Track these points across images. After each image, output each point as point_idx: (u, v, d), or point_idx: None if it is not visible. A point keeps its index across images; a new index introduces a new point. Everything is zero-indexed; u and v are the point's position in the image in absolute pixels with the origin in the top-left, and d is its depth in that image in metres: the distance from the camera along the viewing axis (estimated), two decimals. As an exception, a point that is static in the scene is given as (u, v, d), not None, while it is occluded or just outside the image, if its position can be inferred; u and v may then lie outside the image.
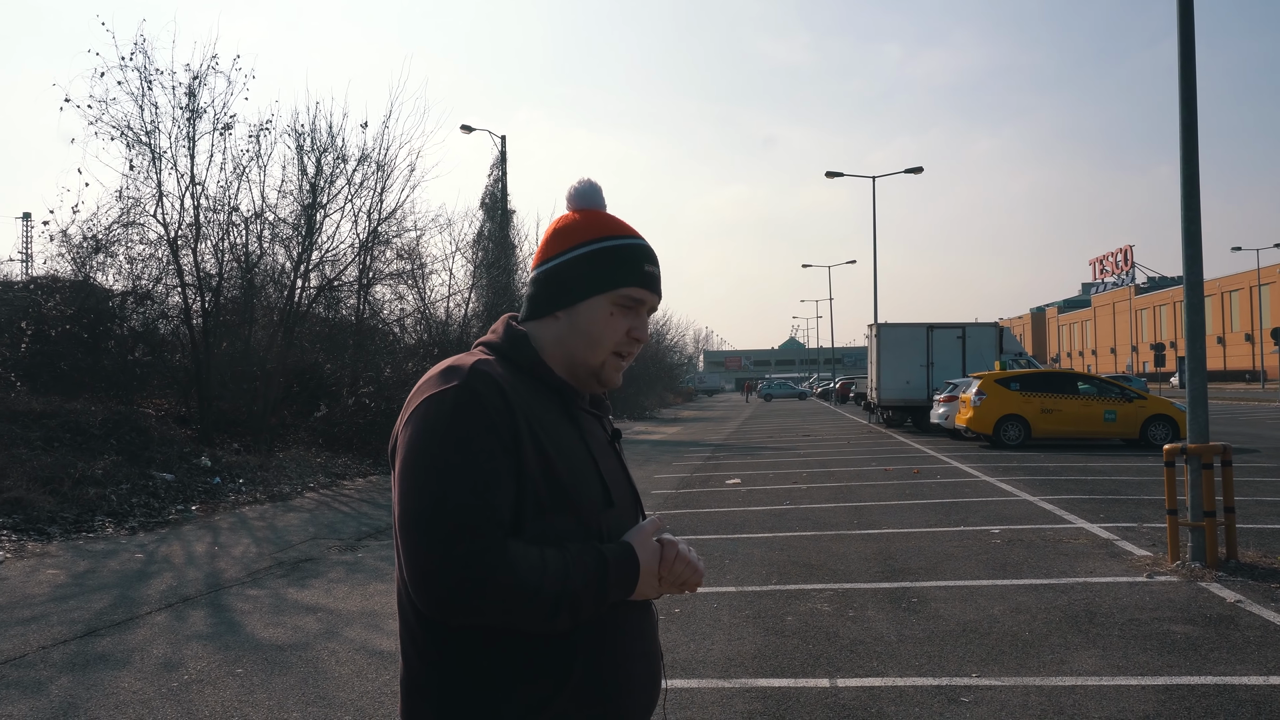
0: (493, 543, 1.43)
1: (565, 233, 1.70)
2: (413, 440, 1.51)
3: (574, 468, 1.58)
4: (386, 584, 7.78)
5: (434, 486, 1.45)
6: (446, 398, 1.51)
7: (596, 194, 1.75)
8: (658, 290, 1.71)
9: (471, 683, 1.52)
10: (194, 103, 16.26)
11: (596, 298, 1.65)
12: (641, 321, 1.70)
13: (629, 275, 1.66)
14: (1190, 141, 7.83)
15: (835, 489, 13.50)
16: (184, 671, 5.48)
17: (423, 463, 1.48)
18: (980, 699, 4.77)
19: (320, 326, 19.99)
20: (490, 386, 1.52)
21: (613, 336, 1.66)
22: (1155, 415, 19.49)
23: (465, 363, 1.57)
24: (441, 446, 1.48)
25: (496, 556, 1.42)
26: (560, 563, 1.48)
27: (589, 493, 1.59)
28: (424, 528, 1.44)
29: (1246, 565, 7.53)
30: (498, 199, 30.34)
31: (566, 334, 1.66)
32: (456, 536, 1.42)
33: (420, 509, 1.45)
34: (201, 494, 12.46)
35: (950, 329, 26.89)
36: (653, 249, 1.73)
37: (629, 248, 1.69)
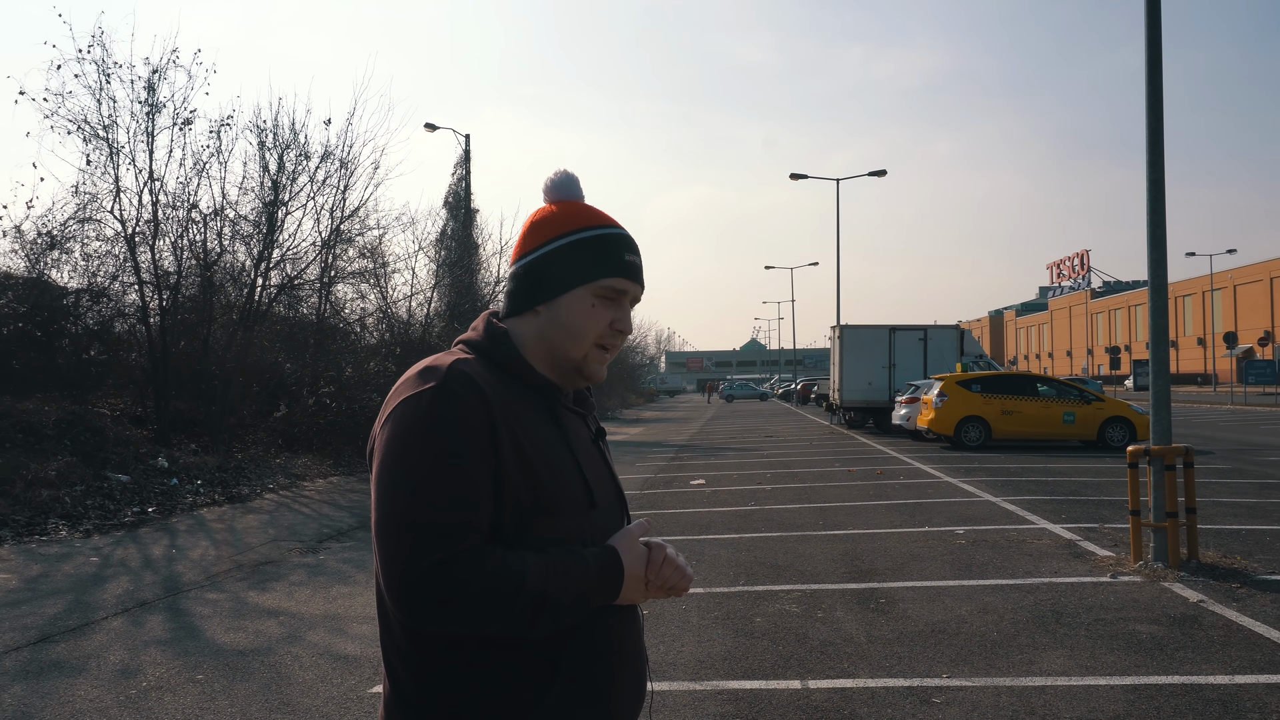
0: (469, 548, 1.39)
1: (543, 225, 1.66)
2: (389, 443, 1.47)
3: (555, 469, 1.54)
4: (349, 587, 7.66)
5: (409, 491, 1.41)
6: (423, 399, 1.47)
7: (574, 185, 1.71)
8: (640, 280, 1.67)
9: (456, 688, 1.48)
10: (153, 97, 15.97)
11: (577, 290, 1.61)
12: (624, 312, 1.66)
13: (609, 266, 1.62)
14: (1156, 147, 7.92)
15: (799, 490, 13.52)
16: (142, 678, 5.35)
17: (398, 467, 1.44)
18: (952, 700, 4.77)
19: (281, 326, 19.72)
20: (468, 387, 1.48)
21: (595, 329, 1.62)
22: (1113, 417, 19.76)
23: (443, 363, 1.52)
24: (417, 450, 1.43)
25: (473, 563, 1.38)
26: (540, 568, 1.43)
27: (571, 494, 1.55)
28: (398, 534, 1.39)
29: (1207, 565, 7.62)
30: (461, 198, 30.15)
31: (547, 328, 1.62)
32: (431, 543, 1.38)
33: (395, 515, 1.41)
34: (158, 495, 12.22)
35: (912, 331, 27.11)
36: (632, 238, 1.69)
37: (608, 237, 1.64)
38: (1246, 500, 11.55)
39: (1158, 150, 7.97)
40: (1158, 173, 7.97)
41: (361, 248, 21.49)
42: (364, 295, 23.39)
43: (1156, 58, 8.00)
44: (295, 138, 18.28)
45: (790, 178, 37.55)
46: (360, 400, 19.22)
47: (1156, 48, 8.00)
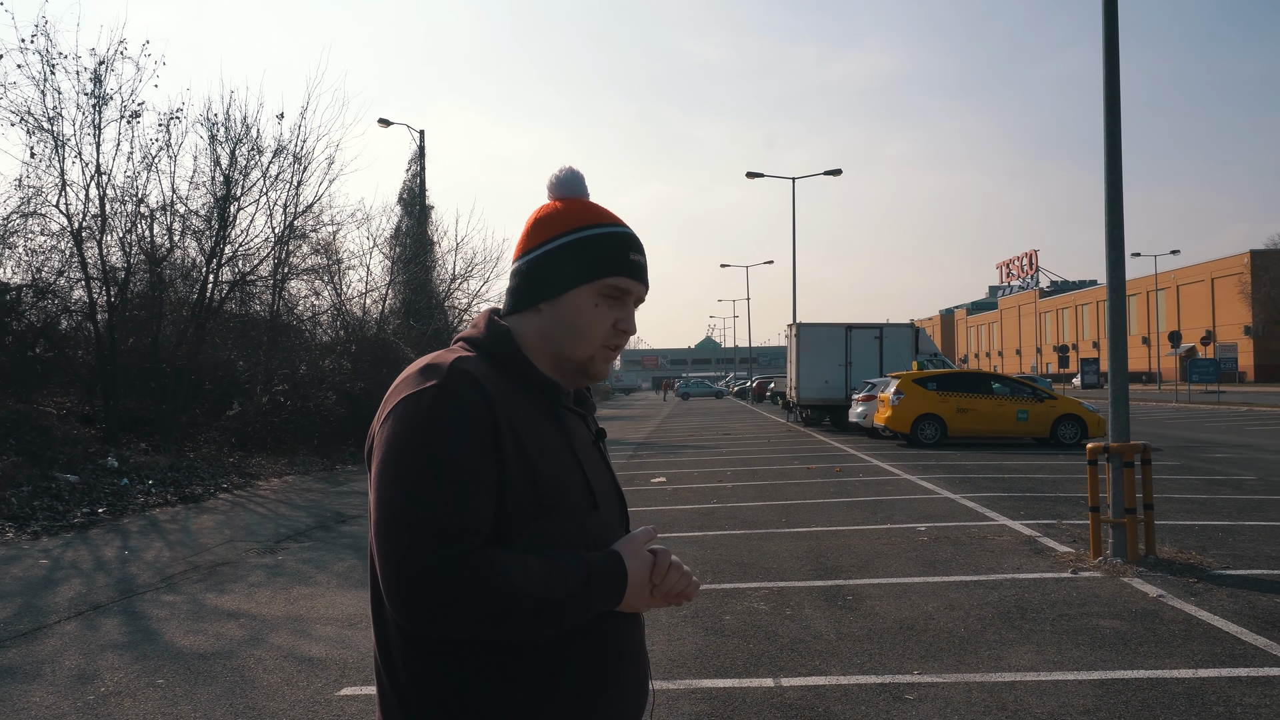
0: (471, 550, 1.36)
1: (546, 222, 1.62)
2: (389, 442, 1.43)
3: (557, 469, 1.51)
4: (311, 588, 7.53)
5: (410, 492, 1.38)
6: (424, 397, 1.44)
7: (578, 182, 1.67)
8: (644, 279, 1.64)
9: (457, 693, 1.44)
10: (100, 89, 15.62)
11: (580, 289, 1.58)
12: (628, 312, 1.63)
13: (613, 264, 1.59)
14: (1114, 150, 8.03)
15: (761, 487, 13.56)
16: (100, 683, 5.20)
17: (398, 467, 1.40)
18: (924, 696, 4.79)
19: (233, 323, 19.39)
20: (470, 385, 1.45)
21: (599, 328, 1.59)
22: (1065, 415, 20.07)
23: (445, 360, 1.49)
24: (418, 450, 1.40)
25: (474, 565, 1.35)
26: (542, 571, 1.40)
27: (573, 496, 1.52)
28: (399, 535, 1.36)
29: (1165, 560, 7.74)
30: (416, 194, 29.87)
31: (550, 327, 1.59)
32: (432, 544, 1.35)
33: (395, 516, 1.37)
34: (108, 496, 11.94)
35: (868, 329, 27.32)
36: (637, 237, 1.65)
37: (613, 236, 1.61)
38: (1197, 496, 11.77)
39: (1116, 153, 8.08)
40: (1116, 174, 8.08)
41: (315, 244, 21.24)
42: (318, 292, 23.11)
43: (1114, 63, 8.11)
44: (247, 132, 17.98)
45: (746, 176, 37.63)
46: (315, 398, 18.98)
47: (1114, 54, 8.10)
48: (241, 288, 18.95)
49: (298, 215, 19.18)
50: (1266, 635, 5.69)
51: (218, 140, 17.68)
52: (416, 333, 23.50)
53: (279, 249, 19.22)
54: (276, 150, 18.38)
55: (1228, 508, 10.81)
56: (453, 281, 28.65)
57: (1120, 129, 8.06)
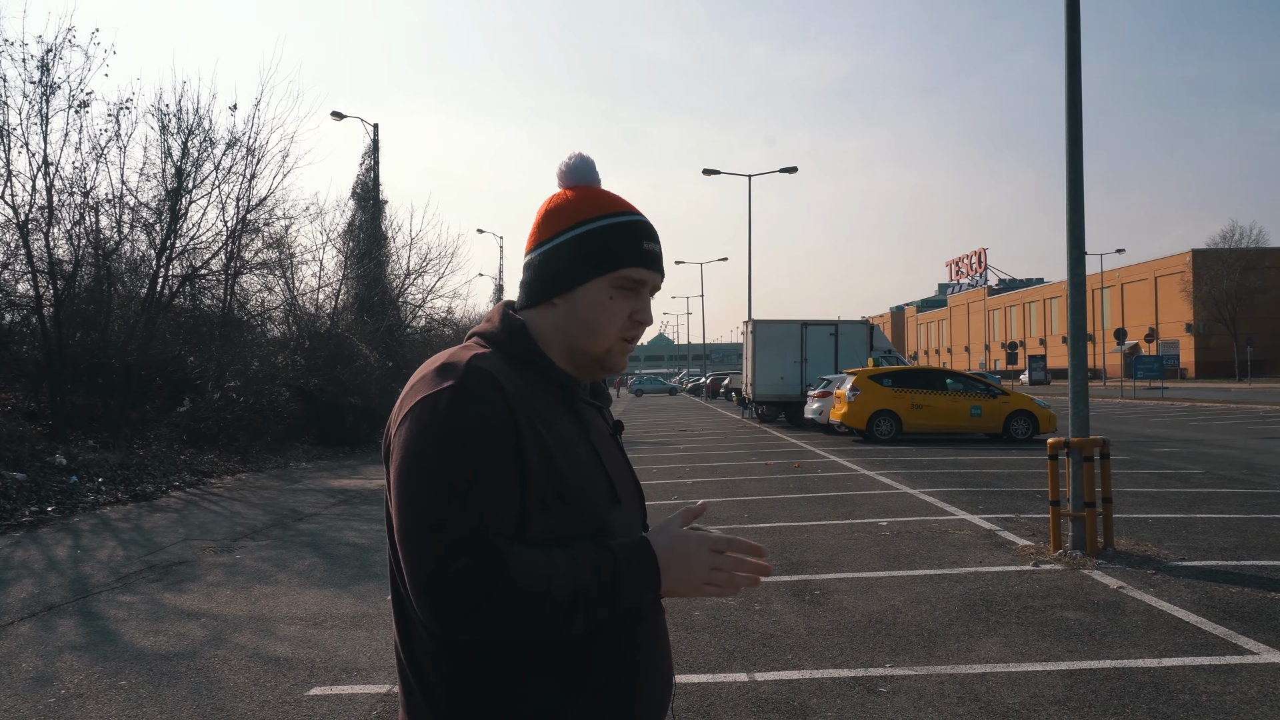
0: (498, 551, 1.34)
1: (558, 213, 1.59)
2: (408, 445, 1.41)
3: (578, 464, 1.49)
4: (272, 586, 7.41)
5: (433, 495, 1.36)
6: (442, 398, 1.41)
7: (589, 169, 1.64)
8: (660, 269, 1.61)
9: (486, 691, 1.42)
10: (47, 77, 15.26)
11: (595, 281, 1.55)
12: (644, 303, 1.59)
13: (628, 255, 1.55)
14: (1075, 150, 8.16)
15: (720, 483, 13.60)
16: (60, 685, 5.07)
17: (420, 470, 1.38)
18: (897, 688, 4.83)
19: (184, 318, 19.03)
20: (489, 384, 1.43)
21: (615, 322, 1.56)
22: (1017, 410, 20.37)
23: (461, 358, 1.47)
24: (439, 451, 1.38)
25: (502, 565, 1.33)
26: (569, 565, 1.38)
27: (594, 490, 1.50)
28: (424, 539, 1.34)
29: (1123, 553, 7.89)
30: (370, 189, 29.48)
31: (565, 321, 1.56)
32: (460, 547, 1.33)
33: (419, 519, 1.36)
34: (57, 494, 11.65)
35: (824, 326, 27.52)
36: (651, 225, 1.62)
37: (627, 225, 1.57)
38: (1149, 490, 12.01)
39: (1077, 153, 8.21)
40: (1077, 174, 8.21)
41: (268, 238, 20.91)
42: (270, 288, 22.76)
43: (1076, 65, 8.23)
44: (200, 123, 17.70)
45: (703, 173, 37.75)
46: (268, 395, 18.71)
47: (1076, 56, 8.23)
48: (193, 282, 18.62)
49: (251, 209, 18.92)
50: (1225, 624, 5.82)
51: (169, 131, 17.38)
52: (370, 328, 23.24)
53: (231, 243, 18.92)
54: (230, 142, 18.13)
55: (1179, 500, 11.03)
56: (407, 277, 28.40)
57: (1081, 131, 8.18)
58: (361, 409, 20.53)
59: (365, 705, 4.75)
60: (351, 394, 20.31)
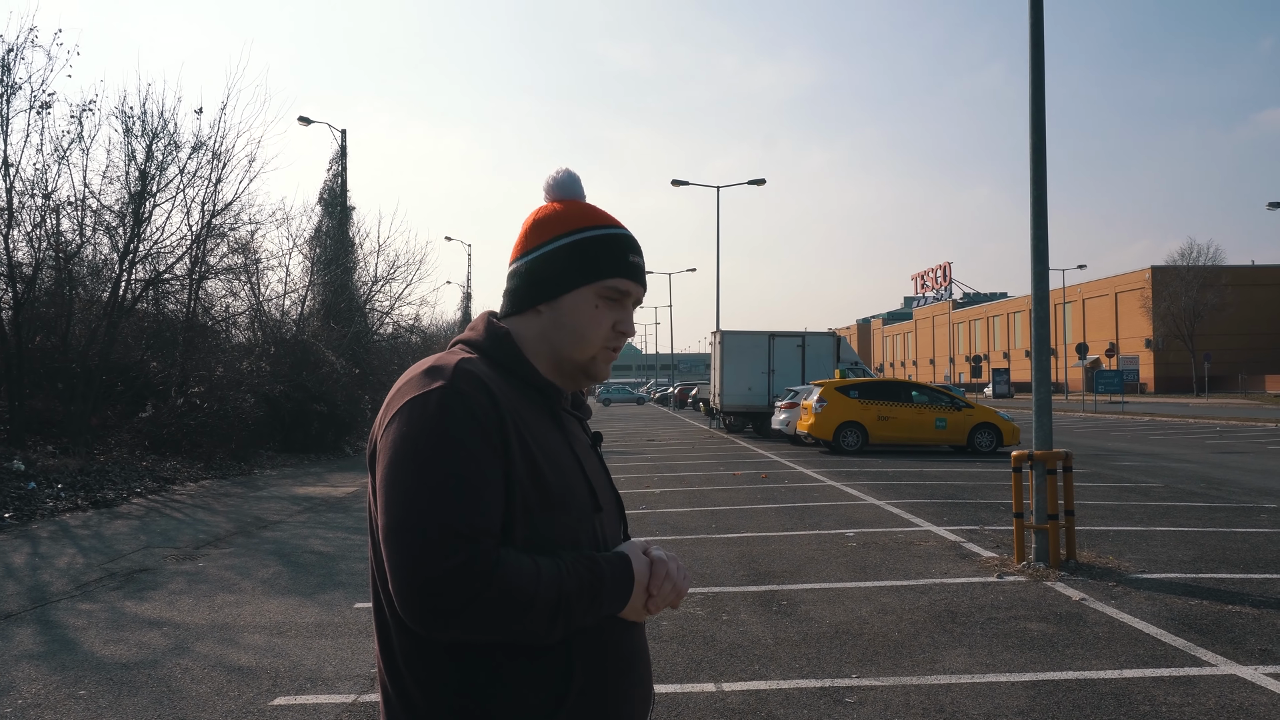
0: (484, 552, 1.34)
1: (545, 224, 1.62)
2: (395, 446, 1.41)
3: (561, 471, 1.50)
4: (235, 595, 7.33)
5: (420, 495, 1.36)
6: (431, 399, 1.42)
7: (575, 184, 1.67)
8: (643, 281, 1.64)
9: (467, 700, 1.42)
10: (8, 77, 15.05)
11: (580, 290, 1.57)
12: (627, 314, 1.62)
13: (614, 266, 1.59)
14: (1039, 165, 8.27)
15: (688, 493, 13.62)
16: (17, 695, 4.98)
17: (407, 470, 1.38)
18: (864, 699, 4.86)
19: (147, 322, 18.79)
20: (477, 387, 1.44)
21: (599, 330, 1.59)
22: (981, 423, 20.57)
23: (449, 362, 1.48)
24: (427, 452, 1.38)
25: (488, 567, 1.33)
26: (554, 571, 1.39)
27: (576, 497, 1.51)
28: (410, 540, 1.33)
29: (1085, 565, 7.98)
30: (337, 194, 29.29)
31: (550, 329, 1.58)
32: (446, 548, 1.32)
33: (406, 518, 1.35)
34: (14, 500, 11.46)
35: (791, 337, 27.67)
36: (635, 239, 1.65)
37: (612, 237, 1.61)
38: (1109, 503, 12.16)
39: (1040, 169, 8.32)
40: (1040, 189, 8.32)
41: (234, 243, 20.71)
42: (235, 293, 22.55)
43: (1039, 83, 8.35)
44: (164, 126, 17.44)
45: (672, 184, 37.85)
46: (232, 401, 18.48)
47: (1039, 74, 8.35)
48: (156, 286, 18.39)
49: (216, 213, 18.70)
50: (1184, 636, 5.91)
51: (133, 134, 17.15)
52: (337, 335, 23.08)
53: (196, 248, 18.70)
54: (195, 146, 17.91)
55: (1139, 513, 11.19)
56: (374, 284, 28.23)
57: (1045, 145, 8.30)
58: (327, 416, 20.36)
59: (330, 715, 4.70)
60: (317, 401, 20.15)
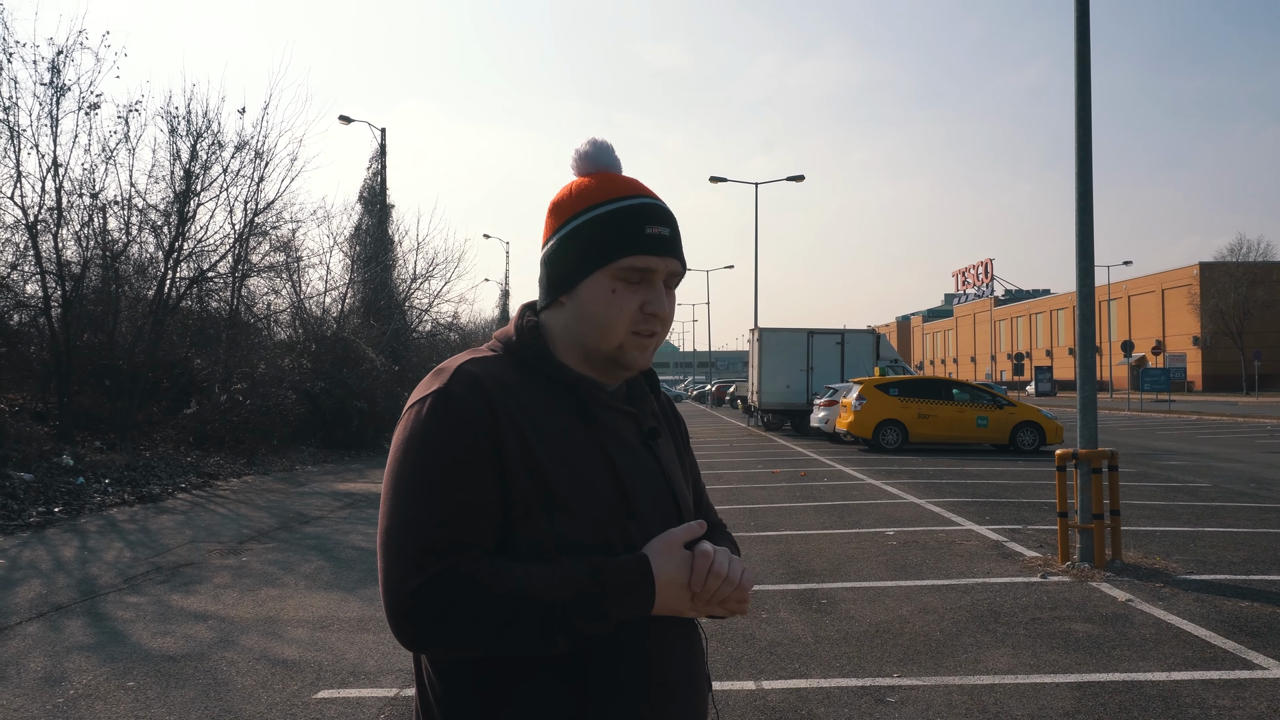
0: (462, 562, 1.30)
1: (560, 207, 1.52)
2: (393, 451, 1.42)
3: (576, 473, 1.39)
4: (278, 589, 7.41)
5: (404, 503, 1.34)
6: (425, 404, 1.40)
7: (604, 154, 1.54)
8: (671, 252, 1.48)
9: (484, 714, 1.37)
10: (58, 79, 15.29)
11: (594, 275, 1.45)
12: (655, 293, 1.47)
13: (626, 243, 1.45)
14: (1085, 161, 8.15)
15: (727, 491, 13.59)
16: (69, 686, 5.08)
17: (397, 477, 1.37)
18: (906, 699, 4.82)
19: (191, 320, 19.07)
20: (472, 389, 1.39)
21: (622, 317, 1.45)
22: (1024, 422, 20.33)
23: (452, 364, 1.44)
24: (415, 459, 1.37)
25: (468, 577, 1.29)
26: (545, 578, 1.31)
27: (597, 501, 1.39)
28: (391, 550, 1.33)
29: (1131, 566, 7.86)
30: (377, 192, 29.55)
31: (572, 320, 1.48)
32: (424, 557, 1.30)
33: (390, 528, 1.35)
34: (64, 495, 11.68)
35: (830, 335, 27.50)
36: (660, 206, 1.50)
37: (623, 211, 1.46)
38: (1156, 503, 11.97)
39: (1086, 164, 8.20)
40: (1086, 185, 8.20)
41: (275, 241, 20.97)
42: (277, 291, 22.83)
43: (1085, 77, 8.22)
44: (209, 126, 17.68)
45: (710, 180, 37.77)
46: (274, 398, 18.72)
47: (1085, 68, 8.22)
48: (200, 284, 18.66)
49: (258, 212, 18.94)
50: (1234, 639, 5.80)
51: (178, 134, 17.40)
52: (376, 332, 23.29)
53: (239, 246, 18.95)
54: (238, 145, 18.14)
55: (1186, 514, 11.00)
56: (413, 281, 28.46)
57: (1090, 141, 8.18)
58: (367, 413, 20.54)
59: (373, 709, 4.75)
60: (357, 398, 20.34)
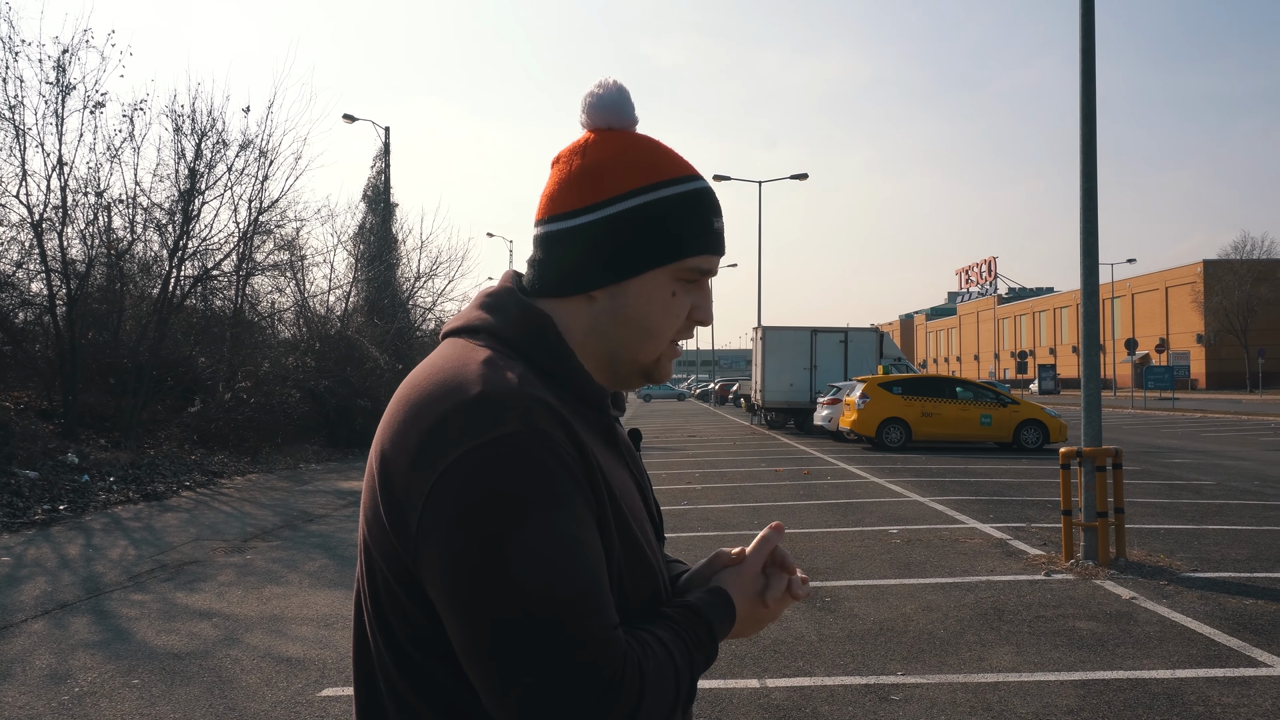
0: (616, 637, 1.04)
1: (601, 171, 1.18)
2: (470, 517, 1.01)
3: (632, 504, 1.19)
4: (283, 587, 7.43)
5: (540, 591, 1.01)
6: (504, 451, 1.02)
7: (627, 103, 1.23)
8: (724, 250, 1.25)
9: None
10: (63, 78, 15.33)
11: (654, 272, 1.17)
12: (705, 298, 1.24)
13: (697, 239, 1.19)
14: (1089, 158, 8.15)
15: (730, 489, 13.59)
16: (74, 683, 5.09)
17: (504, 557, 1.00)
18: (910, 697, 4.82)
19: (195, 318, 19.10)
20: (554, 421, 1.07)
21: (674, 323, 1.21)
22: (1027, 420, 20.32)
23: (500, 384, 1.07)
24: (525, 526, 1.01)
25: (634, 664, 1.05)
26: (673, 637, 1.12)
27: (645, 527, 1.22)
28: (530, 644, 1.00)
29: (1135, 563, 7.86)
30: (380, 191, 29.59)
31: (608, 321, 1.19)
32: (592, 660, 1.01)
33: (523, 626, 1.00)
34: (69, 493, 11.70)
35: (833, 333, 27.49)
36: (716, 194, 1.25)
37: (695, 196, 1.20)
38: (1160, 500, 11.96)
39: (1091, 162, 8.20)
40: (1091, 182, 8.19)
41: (279, 240, 20.99)
42: (281, 289, 22.85)
43: (1090, 74, 8.22)
44: (213, 124, 17.69)
45: (713, 179, 37.77)
46: (278, 396, 18.76)
47: (1090, 65, 8.21)
48: (204, 283, 18.67)
49: (263, 210, 18.98)
50: (1238, 636, 5.79)
51: (182, 132, 17.43)
52: (380, 331, 23.33)
53: (243, 244, 18.97)
54: (243, 144, 18.17)
55: (1190, 512, 10.99)
56: (417, 280, 28.50)
57: (1095, 138, 8.17)
58: (371, 411, 20.55)
59: (377, 707, 4.75)
60: (361, 396, 20.37)
